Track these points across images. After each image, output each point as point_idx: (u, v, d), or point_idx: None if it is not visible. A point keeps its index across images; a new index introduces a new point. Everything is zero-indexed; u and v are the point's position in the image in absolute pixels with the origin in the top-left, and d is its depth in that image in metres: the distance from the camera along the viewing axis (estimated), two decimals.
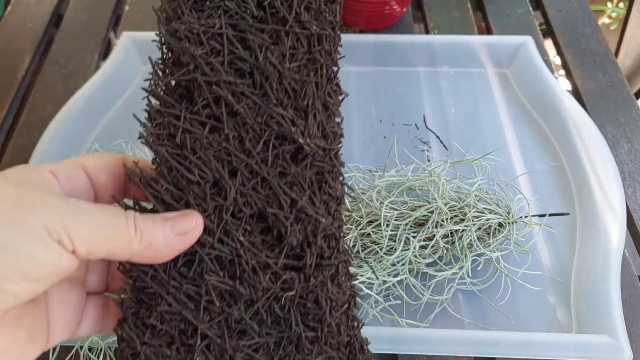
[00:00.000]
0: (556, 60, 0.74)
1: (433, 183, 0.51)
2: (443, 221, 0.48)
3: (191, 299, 0.28)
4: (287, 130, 0.28)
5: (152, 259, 0.27)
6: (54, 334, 0.28)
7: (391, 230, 0.48)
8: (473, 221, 0.48)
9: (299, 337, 0.29)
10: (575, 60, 0.70)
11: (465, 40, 0.68)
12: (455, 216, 0.49)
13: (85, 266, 0.31)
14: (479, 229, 0.49)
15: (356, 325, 0.32)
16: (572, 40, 0.72)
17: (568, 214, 0.54)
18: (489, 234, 0.49)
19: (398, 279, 0.47)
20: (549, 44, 0.74)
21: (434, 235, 0.47)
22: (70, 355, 0.45)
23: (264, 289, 0.28)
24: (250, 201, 0.28)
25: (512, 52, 0.68)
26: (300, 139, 0.28)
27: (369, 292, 0.46)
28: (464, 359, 0.46)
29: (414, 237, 0.48)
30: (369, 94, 0.67)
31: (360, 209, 0.50)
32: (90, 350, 0.44)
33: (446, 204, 0.49)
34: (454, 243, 0.48)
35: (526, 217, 0.50)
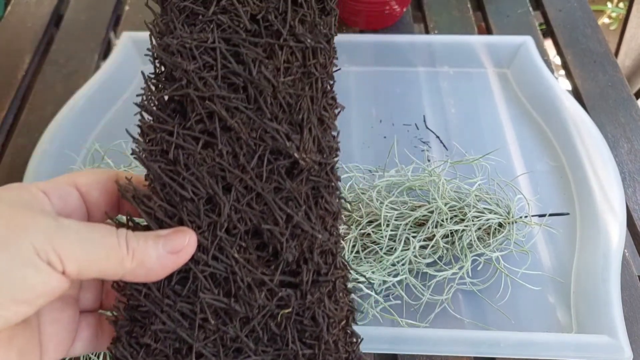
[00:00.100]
0: (556, 60, 0.74)
1: (433, 183, 0.51)
2: (443, 221, 0.48)
3: (186, 317, 0.27)
4: (282, 145, 0.28)
5: (145, 278, 0.26)
6: (46, 353, 0.27)
7: (391, 230, 0.48)
8: (473, 221, 0.48)
9: (295, 354, 0.28)
10: (575, 60, 0.70)
11: (465, 40, 0.68)
12: (455, 216, 0.49)
13: (78, 285, 0.30)
14: (479, 229, 0.49)
15: (355, 341, 0.31)
16: (572, 40, 0.72)
17: (568, 214, 0.54)
18: (489, 234, 0.49)
19: (398, 279, 0.47)
20: (549, 44, 0.74)
21: (434, 235, 0.47)
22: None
23: (259, 306, 0.28)
24: (245, 217, 0.28)
25: (512, 52, 0.68)
26: (295, 154, 0.28)
27: (369, 292, 0.46)
28: (464, 359, 0.46)
29: (414, 237, 0.48)
30: (369, 94, 0.67)
31: (360, 209, 0.50)
32: None
33: (446, 204, 0.49)
34: (454, 243, 0.48)
35: (526, 217, 0.50)
